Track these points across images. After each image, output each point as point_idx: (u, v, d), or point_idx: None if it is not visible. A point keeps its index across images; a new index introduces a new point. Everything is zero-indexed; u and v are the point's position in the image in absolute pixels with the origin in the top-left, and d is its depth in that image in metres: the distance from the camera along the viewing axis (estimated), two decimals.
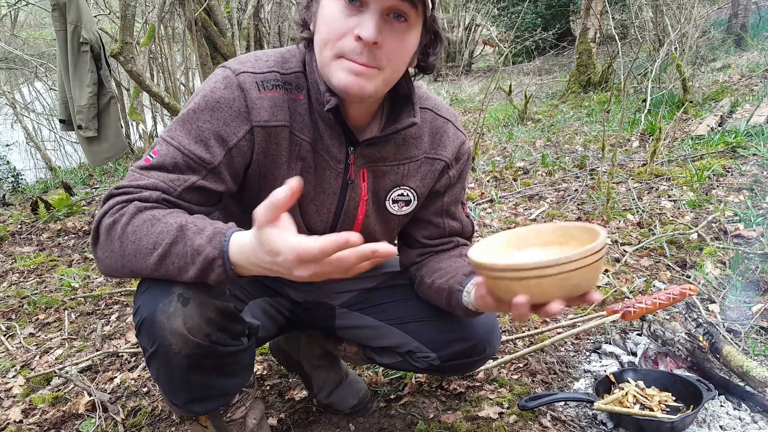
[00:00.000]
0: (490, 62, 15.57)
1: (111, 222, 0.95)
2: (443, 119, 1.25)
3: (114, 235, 0.94)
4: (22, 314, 2.64)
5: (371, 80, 1.00)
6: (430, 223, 1.30)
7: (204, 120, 1.03)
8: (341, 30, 0.97)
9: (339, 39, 0.98)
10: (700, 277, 2.29)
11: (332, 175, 1.16)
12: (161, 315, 0.95)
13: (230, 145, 1.05)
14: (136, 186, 0.99)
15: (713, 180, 3.45)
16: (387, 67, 1.01)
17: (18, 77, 12.45)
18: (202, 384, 1.08)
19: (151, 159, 1.02)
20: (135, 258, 0.93)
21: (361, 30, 0.95)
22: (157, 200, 0.98)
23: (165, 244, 0.91)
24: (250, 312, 1.40)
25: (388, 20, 0.98)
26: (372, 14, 0.96)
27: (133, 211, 0.94)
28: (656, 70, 5.90)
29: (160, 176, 1.00)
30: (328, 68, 1.01)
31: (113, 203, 0.97)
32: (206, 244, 0.90)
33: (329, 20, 0.98)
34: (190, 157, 1.02)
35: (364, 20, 0.96)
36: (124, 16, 3.61)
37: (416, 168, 1.22)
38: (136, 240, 0.93)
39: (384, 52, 0.98)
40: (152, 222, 0.93)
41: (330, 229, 1.23)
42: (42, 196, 4.45)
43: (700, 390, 1.48)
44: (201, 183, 1.03)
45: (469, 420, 1.58)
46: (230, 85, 1.05)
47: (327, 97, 1.05)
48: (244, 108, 1.05)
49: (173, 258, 0.92)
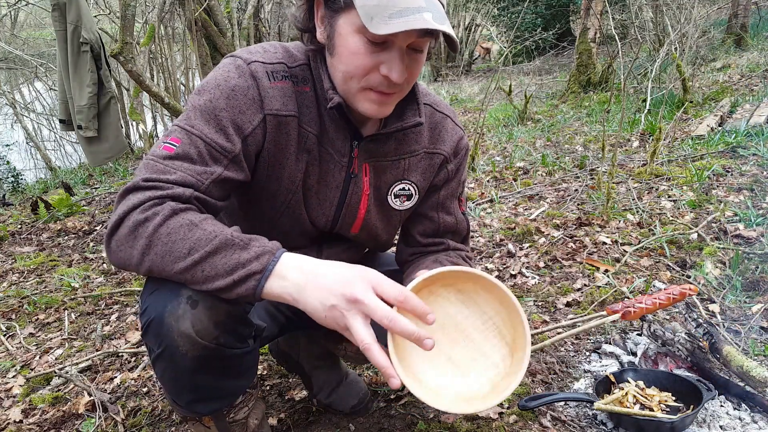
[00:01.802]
0: (490, 62, 15.57)
1: (142, 219, 0.93)
2: (442, 114, 1.27)
3: (142, 232, 0.93)
4: (22, 314, 2.64)
5: (393, 103, 1.08)
6: (425, 217, 1.32)
7: (221, 108, 1.03)
8: (367, 67, 1.01)
9: (365, 74, 1.02)
10: (700, 277, 2.29)
11: (336, 168, 1.17)
12: (170, 317, 0.95)
13: (246, 133, 1.05)
14: (165, 180, 0.97)
15: (713, 180, 3.45)
16: (406, 88, 1.08)
17: (18, 77, 12.46)
18: (208, 385, 1.08)
19: (174, 148, 1.00)
20: (162, 259, 0.92)
21: (390, 73, 1.00)
22: (189, 199, 0.97)
23: (203, 251, 0.91)
24: (254, 313, 1.40)
25: (408, 53, 1.02)
26: (397, 53, 1.00)
27: (168, 212, 0.93)
28: (656, 70, 5.90)
29: (188, 168, 0.99)
30: (354, 97, 1.06)
31: (144, 198, 0.94)
32: (253, 259, 0.91)
33: (353, 55, 1.01)
34: (213, 146, 1.01)
35: (389, 61, 1.00)
36: (124, 16, 3.61)
37: (416, 162, 1.24)
38: (170, 242, 0.92)
39: (406, 81, 1.04)
40: (189, 227, 0.92)
41: (332, 223, 1.24)
42: (42, 196, 4.46)
43: (700, 390, 1.48)
44: (226, 174, 1.03)
45: (469, 420, 1.58)
46: (243, 73, 1.05)
47: (330, 94, 1.07)
48: (257, 96, 1.06)
49: (206, 266, 0.92)
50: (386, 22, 0.93)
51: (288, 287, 0.91)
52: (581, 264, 2.56)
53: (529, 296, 2.32)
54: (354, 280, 0.89)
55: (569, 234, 2.91)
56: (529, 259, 2.68)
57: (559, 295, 2.29)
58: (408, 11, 0.94)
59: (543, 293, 2.33)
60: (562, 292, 2.32)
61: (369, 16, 0.94)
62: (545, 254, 2.70)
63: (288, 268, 0.92)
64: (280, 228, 1.21)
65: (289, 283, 0.91)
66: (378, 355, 0.88)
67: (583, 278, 2.41)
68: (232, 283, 0.91)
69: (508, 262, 2.69)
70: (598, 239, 2.78)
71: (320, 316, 0.90)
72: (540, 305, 2.25)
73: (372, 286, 0.89)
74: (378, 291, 0.89)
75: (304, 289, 0.90)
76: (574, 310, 2.17)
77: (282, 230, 1.21)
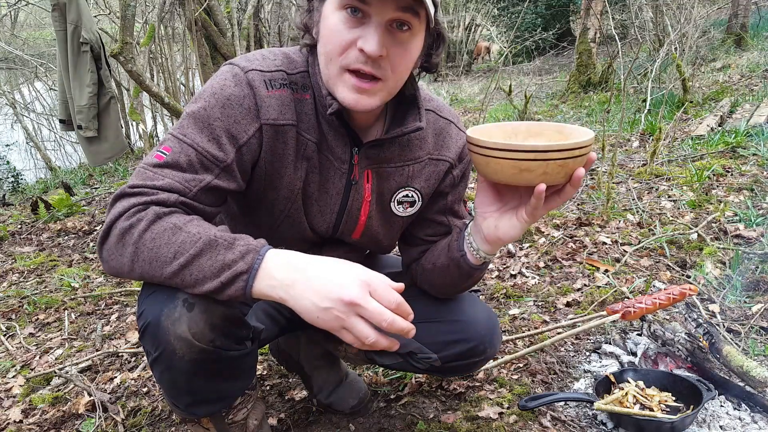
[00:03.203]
0: (490, 62, 15.57)
1: (127, 226, 0.93)
2: (445, 120, 1.26)
3: (129, 239, 0.93)
4: (22, 314, 2.64)
5: (375, 95, 1.02)
6: (434, 221, 1.31)
7: (215, 117, 1.02)
8: (344, 42, 0.98)
9: (343, 52, 0.98)
10: (700, 277, 2.29)
11: (336, 175, 1.16)
12: (166, 320, 0.95)
13: (241, 143, 1.04)
14: (151, 186, 0.97)
15: (713, 180, 3.45)
16: (391, 78, 1.01)
17: (18, 77, 12.46)
18: (206, 387, 1.08)
19: (164, 156, 1.00)
20: (150, 265, 0.92)
21: (365, 44, 0.95)
22: (174, 204, 0.97)
23: (188, 254, 0.91)
24: (253, 314, 1.40)
25: (391, 30, 0.97)
26: (375, 27, 0.96)
27: (152, 217, 0.93)
28: (656, 70, 5.90)
29: (176, 176, 0.98)
30: (334, 83, 1.02)
31: (129, 205, 0.95)
32: (238, 259, 0.90)
33: (332, 32, 0.99)
34: (204, 155, 1.01)
35: (367, 33, 0.96)
36: (124, 16, 3.61)
37: (420, 169, 1.23)
38: (155, 248, 0.92)
39: (388, 63, 0.99)
40: (173, 231, 0.92)
41: (332, 230, 1.23)
42: (42, 196, 4.46)
43: (700, 390, 1.48)
44: (215, 183, 1.02)
45: (469, 420, 1.58)
46: (240, 82, 1.04)
47: (329, 100, 1.05)
48: (253, 105, 1.04)
49: (193, 269, 0.91)
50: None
51: (276, 287, 0.90)
52: (581, 264, 2.56)
53: (529, 296, 2.33)
54: (350, 284, 0.89)
55: (569, 234, 2.91)
56: (529, 259, 2.68)
57: (559, 295, 2.29)
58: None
59: (543, 293, 2.33)
60: (562, 292, 2.32)
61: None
62: (545, 254, 2.70)
63: (275, 266, 0.91)
64: (280, 234, 1.20)
65: (277, 282, 0.90)
66: (387, 341, 0.91)
67: (583, 278, 2.41)
68: (221, 285, 0.91)
69: (508, 262, 2.69)
70: (598, 239, 2.78)
71: (312, 317, 0.90)
72: (540, 305, 2.25)
73: (369, 289, 0.89)
74: (373, 294, 0.89)
75: (292, 288, 0.90)
76: (574, 310, 2.17)
77: (282, 236, 1.21)
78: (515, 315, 2.18)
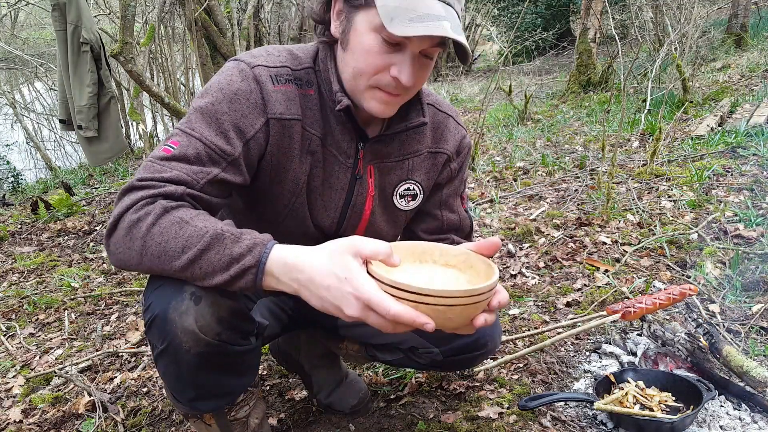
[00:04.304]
0: (490, 62, 15.56)
1: (135, 219, 0.94)
2: (444, 114, 1.29)
3: (137, 233, 0.93)
4: (22, 314, 2.64)
5: (398, 105, 1.10)
6: (429, 215, 1.33)
7: (222, 111, 1.04)
8: (379, 66, 1.03)
9: (375, 74, 1.03)
10: (700, 277, 2.29)
11: (341, 170, 1.18)
12: (173, 313, 0.96)
13: (248, 137, 1.06)
14: (159, 179, 0.97)
15: (713, 180, 3.45)
16: (412, 90, 1.10)
17: (18, 77, 12.47)
18: (210, 382, 1.08)
19: (172, 149, 1.01)
20: (159, 258, 0.93)
21: (400, 75, 1.02)
22: (181, 196, 0.97)
23: (196, 249, 0.91)
24: (257, 311, 1.40)
25: (419, 58, 1.04)
26: (409, 57, 1.01)
27: (160, 211, 0.94)
28: (656, 70, 5.90)
29: (183, 168, 0.99)
30: (361, 95, 1.07)
31: (137, 198, 0.95)
32: (246, 253, 0.91)
33: (367, 53, 1.02)
34: (212, 149, 1.02)
35: (401, 63, 1.02)
36: (124, 16, 3.61)
37: (420, 162, 1.25)
38: (163, 242, 0.92)
39: (413, 84, 1.05)
40: (181, 225, 0.92)
41: (337, 225, 1.24)
42: (42, 196, 4.46)
43: (700, 390, 1.48)
44: (222, 176, 1.03)
45: (469, 420, 1.58)
46: (246, 77, 1.06)
47: (339, 96, 1.08)
48: (260, 100, 1.06)
49: (202, 263, 0.92)
50: (406, 24, 0.95)
51: (283, 283, 0.91)
52: (581, 264, 2.56)
53: (529, 296, 2.33)
54: (347, 306, 0.86)
55: (569, 234, 2.91)
56: (529, 259, 2.68)
57: (559, 295, 2.29)
58: (428, 17, 0.96)
59: (543, 293, 2.33)
60: (562, 292, 2.32)
61: (389, 17, 0.95)
62: (545, 254, 2.70)
63: (278, 265, 0.91)
64: (284, 230, 1.21)
65: (284, 285, 0.91)
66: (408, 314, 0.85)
67: (583, 278, 2.42)
68: (230, 279, 0.92)
69: (508, 262, 2.69)
70: (598, 239, 2.78)
71: (324, 309, 0.89)
72: (540, 305, 2.25)
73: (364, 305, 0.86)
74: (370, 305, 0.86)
75: (299, 291, 0.90)
76: (574, 310, 2.17)
77: (286, 232, 1.21)
78: (515, 315, 2.18)
